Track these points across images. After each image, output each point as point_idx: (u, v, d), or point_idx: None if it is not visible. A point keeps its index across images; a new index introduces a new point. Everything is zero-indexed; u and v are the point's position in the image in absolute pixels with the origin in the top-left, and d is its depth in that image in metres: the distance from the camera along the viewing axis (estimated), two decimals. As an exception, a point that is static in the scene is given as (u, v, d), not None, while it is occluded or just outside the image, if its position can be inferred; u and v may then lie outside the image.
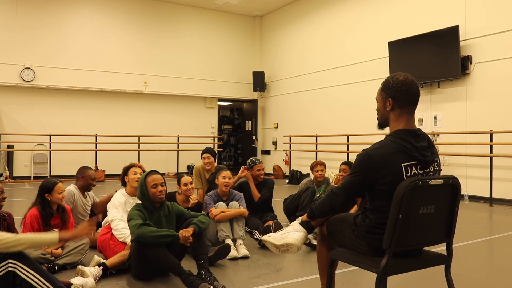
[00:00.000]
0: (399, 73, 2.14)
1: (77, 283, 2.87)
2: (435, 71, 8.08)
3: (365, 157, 2.03)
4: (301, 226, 2.33)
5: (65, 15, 11.21)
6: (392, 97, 2.09)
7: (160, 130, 12.31)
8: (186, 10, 12.90)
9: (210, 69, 13.12)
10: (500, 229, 5.50)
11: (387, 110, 2.12)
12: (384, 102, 2.14)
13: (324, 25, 11.27)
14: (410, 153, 2.00)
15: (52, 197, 3.46)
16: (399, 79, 2.09)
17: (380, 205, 2.02)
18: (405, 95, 2.07)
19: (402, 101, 2.08)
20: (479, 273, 3.57)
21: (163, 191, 3.28)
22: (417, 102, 2.11)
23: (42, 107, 11.04)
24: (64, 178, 10.83)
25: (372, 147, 2.05)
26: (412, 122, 2.11)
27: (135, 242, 3.08)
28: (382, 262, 1.93)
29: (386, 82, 2.14)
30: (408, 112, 2.09)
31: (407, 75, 2.12)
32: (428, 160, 2.04)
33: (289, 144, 12.07)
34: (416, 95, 2.09)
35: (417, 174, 2.00)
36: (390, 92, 2.10)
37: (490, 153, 7.16)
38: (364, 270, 2.09)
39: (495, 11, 7.32)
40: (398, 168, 1.98)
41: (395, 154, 1.99)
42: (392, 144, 2.02)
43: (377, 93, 2.20)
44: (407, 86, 2.07)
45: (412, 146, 2.01)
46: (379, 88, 2.19)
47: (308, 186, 5.22)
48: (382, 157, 1.99)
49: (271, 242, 2.32)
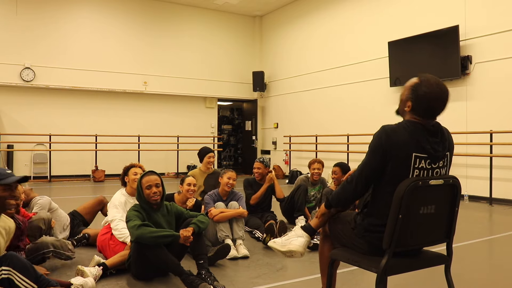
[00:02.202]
0: (432, 78, 2.04)
1: (77, 283, 2.86)
2: (435, 71, 8.06)
3: (380, 132, 2.00)
4: (303, 231, 2.34)
5: (65, 15, 11.21)
6: (413, 101, 2.05)
7: (160, 130, 12.30)
8: (186, 10, 12.90)
9: (210, 69, 13.12)
10: (500, 229, 5.50)
11: (405, 110, 2.09)
12: (405, 101, 2.09)
13: (324, 25, 11.27)
14: (424, 145, 1.99)
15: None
16: (430, 87, 2.01)
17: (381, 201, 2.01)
18: (425, 107, 2.02)
19: (419, 111, 2.04)
20: (479, 273, 3.57)
21: (158, 192, 3.25)
22: (435, 116, 2.06)
23: (42, 107, 11.04)
24: (64, 178, 10.92)
25: (389, 126, 2.02)
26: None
27: (134, 242, 3.07)
28: (382, 262, 1.93)
29: (416, 85, 2.04)
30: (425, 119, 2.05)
31: (440, 85, 2.03)
32: (438, 156, 2.03)
33: (289, 144, 12.07)
34: (437, 110, 2.04)
35: (424, 168, 2.00)
36: (413, 96, 2.04)
37: (490, 153, 7.16)
38: (364, 270, 2.09)
39: (495, 11, 7.32)
40: (409, 155, 1.97)
41: (409, 140, 1.97)
42: (409, 130, 2.00)
43: (404, 88, 2.13)
44: (432, 100, 2.00)
45: (425, 140, 2.00)
46: (407, 84, 2.09)
47: (300, 184, 5.22)
48: (397, 135, 1.97)
49: (276, 248, 2.38)
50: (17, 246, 2.98)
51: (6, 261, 2.42)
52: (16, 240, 3.00)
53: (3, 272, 2.39)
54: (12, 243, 2.96)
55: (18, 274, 2.41)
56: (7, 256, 2.46)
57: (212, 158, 5.47)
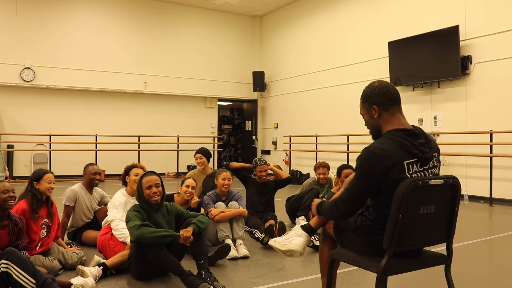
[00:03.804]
0: (371, 82, 2.18)
1: (77, 283, 2.87)
2: (435, 71, 8.08)
3: (369, 155, 1.96)
4: (303, 230, 2.35)
5: (65, 15, 11.21)
6: (375, 103, 2.10)
7: (160, 130, 12.31)
8: (186, 10, 12.90)
9: (210, 69, 13.12)
10: (500, 229, 5.50)
11: (376, 118, 2.11)
12: (370, 111, 2.13)
13: (324, 25, 11.27)
14: (410, 150, 1.98)
15: (40, 186, 3.41)
16: (375, 85, 2.14)
17: (382, 205, 2.01)
18: (387, 97, 2.09)
19: (386, 104, 2.09)
20: (479, 273, 3.57)
21: (158, 192, 3.24)
22: (400, 100, 2.13)
23: (42, 107, 11.04)
24: (64, 178, 10.91)
25: (373, 145, 2.01)
26: (404, 120, 2.10)
27: (134, 242, 3.07)
28: (382, 262, 1.93)
29: (364, 94, 2.17)
30: (396, 112, 2.09)
31: (380, 80, 2.18)
32: (427, 157, 2.03)
33: (289, 144, 12.07)
34: (396, 94, 2.12)
35: (417, 172, 1.99)
36: (372, 99, 2.11)
37: (490, 153, 7.16)
38: (364, 270, 2.09)
39: (495, 11, 7.32)
40: (401, 165, 1.95)
41: (397, 151, 1.96)
42: (392, 142, 1.99)
43: (360, 108, 2.21)
44: (385, 88, 2.11)
45: (411, 144, 1.99)
46: (360, 103, 2.20)
47: (313, 187, 5.21)
48: (386, 153, 1.95)
49: (276, 247, 2.40)
50: (16, 244, 2.98)
51: (5, 255, 2.46)
52: (15, 237, 3.00)
53: (2, 265, 2.42)
54: (10, 239, 2.97)
55: (16, 268, 2.44)
56: (7, 251, 2.50)
57: (199, 159, 5.35)
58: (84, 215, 4.29)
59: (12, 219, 3.03)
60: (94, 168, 4.34)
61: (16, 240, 3.00)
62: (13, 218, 3.04)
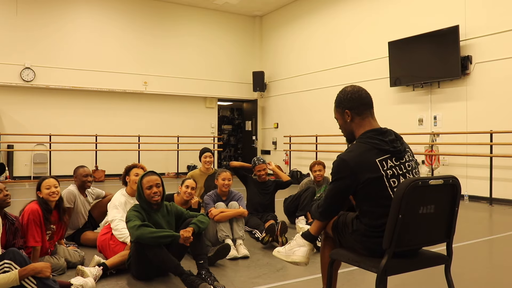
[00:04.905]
0: (344, 87, 2.26)
1: (77, 283, 2.87)
2: (435, 71, 8.08)
3: (340, 162, 2.07)
4: (304, 239, 2.33)
5: (65, 15, 11.21)
6: (348, 108, 2.18)
7: (160, 130, 12.30)
8: (186, 10, 12.89)
9: (210, 69, 13.12)
10: (500, 229, 5.50)
11: (349, 122, 2.20)
12: (343, 116, 2.22)
13: (324, 25, 11.27)
14: (381, 147, 2.05)
15: (41, 194, 3.44)
16: (347, 90, 2.22)
17: (370, 208, 2.04)
18: (359, 101, 2.17)
19: (358, 108, 2.17)
20: (479, 273, 3.57)
21: (158, 192, 3.24)
22: (372, 104, 2.20)
23: (42, 107, 11.04)
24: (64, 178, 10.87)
25: (344, 152, 2.11)
26: (375, 123, 2.19)
27: (134, 242, 3.07)
28: (382, 262, 1.93)
29: (337, 99, 2.25)
30: (368, 116, 2.18)
31: (353, 85, 2.25)
32: (400, 150, 2.08)
33: (289, 144, 12.07)
34: (368, 98, 2.20)
35: (393, 166, 2.04)
36: (345, 104, 2.20)
37: (490, 153, 7.16)
38: (364, 270, 2.09)
39: (495, 11, 7.32)
40: (374, 164, 2.01)
41: (366, 153, 2.04)
42: (362, 145, 2.08)
43: (334, 112, 2.29)
44: (357, 93, 2.19)
45: (381, 141, 2.06)
46: (334, 107, 2.28)
47: (309, 186, 5.22)
48: (355, 158, 2.04)
49: (281, 258, 2.40)
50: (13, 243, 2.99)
51: (8, 255, 2.51)
52: (11, 236, 3.01)
53: (5, 265, 2.46)
54: (7, 238, 2.98)
55: (18, 268, 2.47)
56: (9, 252, 2.55)
57: (208, 158, 5.36)
58: (81, 216, 4.30)
59: (8, 218, 3.06)
60: (84, 170, 4.32)
61: (12, 239, 3.02)
62: (9, 218, 3.07)
